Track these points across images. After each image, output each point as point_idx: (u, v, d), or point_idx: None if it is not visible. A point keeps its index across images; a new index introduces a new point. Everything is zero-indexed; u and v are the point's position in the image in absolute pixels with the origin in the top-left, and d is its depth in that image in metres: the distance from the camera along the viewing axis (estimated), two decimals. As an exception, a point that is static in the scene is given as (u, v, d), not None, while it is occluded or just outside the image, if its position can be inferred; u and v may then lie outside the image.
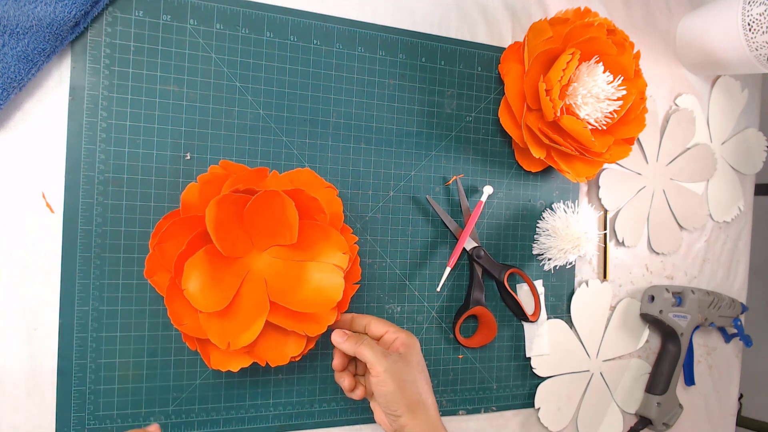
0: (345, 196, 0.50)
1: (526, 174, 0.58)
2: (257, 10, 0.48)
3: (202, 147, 0.46)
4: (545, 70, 0.52)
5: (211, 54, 0.46)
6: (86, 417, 0.43)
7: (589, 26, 0.50)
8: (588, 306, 0.61)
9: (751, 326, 0.80)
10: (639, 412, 0.64)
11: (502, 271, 0.55)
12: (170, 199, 0.45)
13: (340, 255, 0.44)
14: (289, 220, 0.42)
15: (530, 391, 0.59)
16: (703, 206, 0.69)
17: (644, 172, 0.65)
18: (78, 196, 0.43)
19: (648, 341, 0.66)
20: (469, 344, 0.55)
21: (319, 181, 0.46)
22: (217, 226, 0.40)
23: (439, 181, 0.55)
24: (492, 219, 0.57)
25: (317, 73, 0.50)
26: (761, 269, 1.01)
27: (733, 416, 0.74)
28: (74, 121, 0.43)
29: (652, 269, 0.67)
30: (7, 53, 0.39)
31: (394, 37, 0.52)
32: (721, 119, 0.70)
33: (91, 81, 0.43)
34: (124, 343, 0.44)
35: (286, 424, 0.49)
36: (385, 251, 0.52)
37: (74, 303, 0.43)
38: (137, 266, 0.44)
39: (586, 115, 0.51)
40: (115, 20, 0.44)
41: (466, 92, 0.55)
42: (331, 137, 0.50)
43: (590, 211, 0.57)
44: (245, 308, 0.42)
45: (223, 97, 0.47)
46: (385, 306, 0.52)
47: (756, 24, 0.58)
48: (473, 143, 0.56)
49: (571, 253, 0.56)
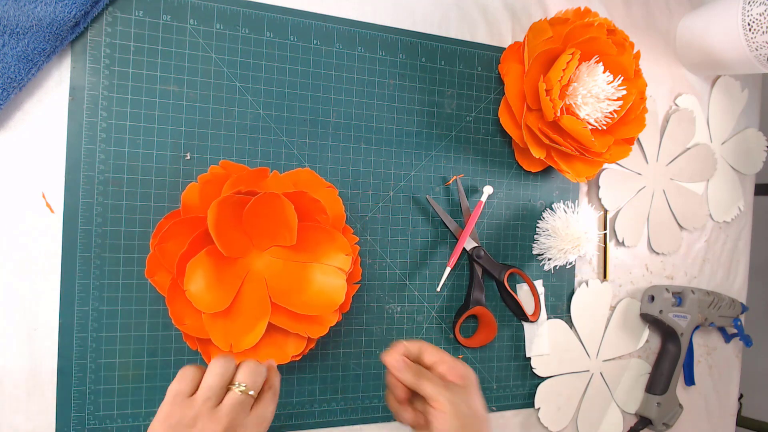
0: (345, 196, 0.50)
1: (526, 174, 0.58)
2: (257, 10, 0.48)
3: (202, 147, 0.46)
4: (545, 70, 0.52)
5: (211, 54, 0.46)
6: (86, 417, 0.43)
7: (589, 26, 0.50)
8: (588, 306, 0.61)
9: (751, 326, 0.80)
10: (639, 412, 0.64)
11: (502, 271, 0.55)
12: (170, 199, 0.45)
13: (342, 257, 0.44)
14: (289, 222, 0.42)
15: (530, 391, 0.59)
16: (703, 206, 0.69)
17: (644, 172, 0.65)
18: (78, 196, 0.43)
19: (648, 341, 0.66)
20: (469, 344, 0.55)
21: (320, 181, 0.46)
22: (218, 227, 0.40)
23: (439, 181, 0.55)
24: (492, 219, 0.57)
25: (317, 73, 0.50)
26: (761, 269, 1.01)
27: (733, 416, 0.74)
28: (74, 121, 0.43)
29: (652, 269, 0.67)
30: (7, 53, 0.39)
31: (394, 37, 0.52)
32: (721, 119, 0.70)
33: (91, 81, 0.43)
34: (124, 343, 0.44)
35: (285, 424, 0.49)
36: (385, 251, 0.52)
37: (74, 303, 0.43)
38: (137, 266, 0.44)
39: (586, 115, 0.51)
40: (115, 20, 0.44)
41: (466, 92, 0.55)
42: (331, 137, 0.50)
43: (590, 211, 0.57)
44: (247, 309, 0.43)
45: (223, 97, 0.47)
46: (385, 306, 0.52)
47: (756, 24, 0.58)
48: (473, 143, 0.56)
49: (571, 253, 0.56)
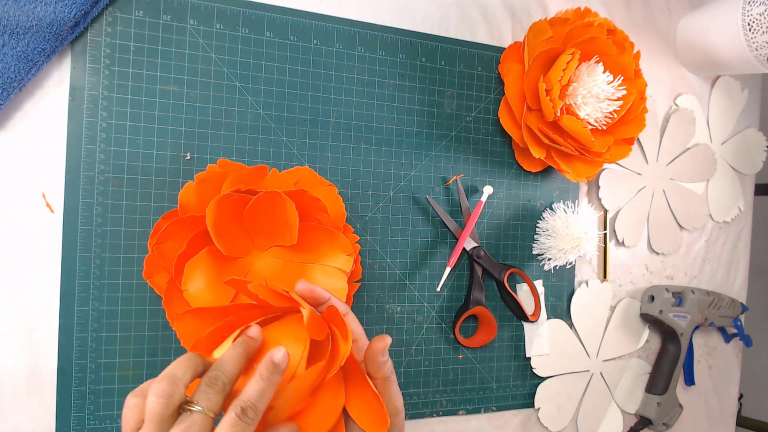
0: (345, 196, 0.50)
1: (526, 174, 0.58)
2: (257, 10, 0.48)
3: (202, 147, 0.46)
4: (545, 70, 0.52)
5: (211, 54, 0.46)
6: (86, 417, 0.43)
7: (589, 26, 0.50)
8: (588, 306, 0.61)
9: (751, 326, 0.80)
10: (639, 412, 0.64)
11: (502, 271, 0.55)
12: (170, 199, 0.45)
13: (343, 257, 0.44)
14: (289, 222, 0.42)
15: (530, 391, 0.59)
16: (703, 206, 0.69)
17: (644, 172, 0.65)
18: (78, 196, 0.43)
19: (648, 341, 0.66)
20: (469, 344, 0.55)
21: (319, 180, 0.46)
22: (217, 225, 0.40)
23: (439, 181, 0.55)
24: (492, 219, 0.57)
25: (317, 73, 0.50)
26: (761, 269, 1.01)
27: (733, 416, 0.74)
28: (74, 121, 0.43)
29: (652, 269, 0.67)
30: (7, 53, 0.39)
31: (394, 37, 0.52)
32: (721, 119, 0.70)
33: (91, 81, 0.43)
34: (124, 343, 0.44)
35: (286, 424, 0.49)
36: (385, 251, 0.52)
37: (74, 303, 0.43)
38: (137, 266, 0.44)
39: (586, 115, 0.51)
40: (115, 20, 0.44)
41: (466, 92, 0.55)
42: (331, 137, 0.50)
43: (590, 211, 0.57)
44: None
45: (223, 97, 0.47)
46: (385, 306, 0.52)
47: (756, 24, 0.58)
48: (473, 143, 0.56)
49: (571, 253, 0.56)
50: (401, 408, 0.34)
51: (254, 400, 0.28)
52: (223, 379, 0.28)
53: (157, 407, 0.26)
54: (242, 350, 0.30)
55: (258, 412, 0.28)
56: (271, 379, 0.29)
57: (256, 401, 0.28)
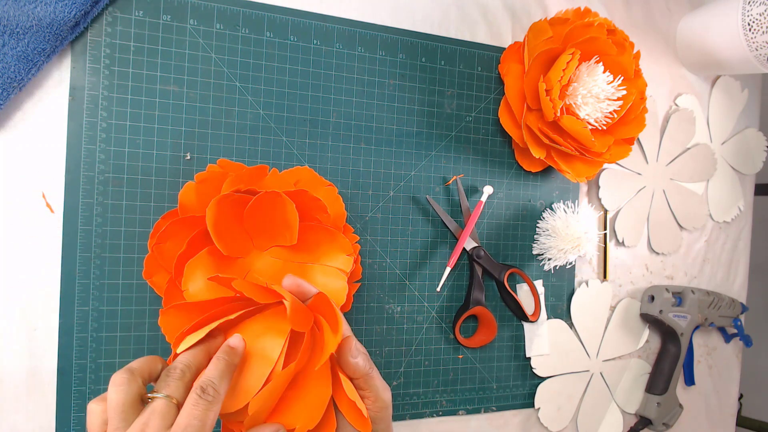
0: (345, 196, 0.50)
1: (526, 174, 0.58)
2: (257, 10, 0.48)
3: (202, 147, 0.46)
4: (545, 70, 0.52)
5: (211, 54, 0.46)
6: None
7: (589, 26, 0.50)
8: (588, 306, 0.61)
9: (751, 326, 0.80)
10: (639, 412, 0.64)
11: (502, 271, 0.55)
12: (170, 199, 0.45)
13: (344, 257, 0.44)
14: (289, 222, 0.42)
15: (530, 391, 0.59)
16: (703, 206, 0.69)
17: (644, 172, 0.65)
18: (78, 196, 0.43)
19: (648, 341, 0.66)
20: (469, 344, 0.55)
21: (319, 180, 0.46)
22: (216, 225, 0.40)
23: (439, 181, 0.55)
24: (492, 219, 0.57)
25: (317, 73, 0.50)
26: (761, 269, 1.01)
27: (733, 416, 0.74)
28: (74, 121, 0.43)
29: (652, 269, 0.67)
30: (7, 53, 0.39)
31: (394, 37, 0.52)
32: (721, 119, 0.70)
33: (91, 81, 0.43)
34: (124, 343, 0.44)
35: (286, 424, 0.49)
36: (385, 251, 0.52)
37: (74, 303, 0.43)
38: (137, 266, 0.44)
39: (586, 115, 0.51)
40: (115, 20, 0.44)
41: (466, 92, 0.55)
42: (331, 137, 0.50)
43: (590, 211, 0.57)
44: None
45: (223, 97, 0.47)
46: (385, 306, 0.52)
47: (756, 24, 0.58)
48: (473, 143, 0.56)
49: (571, 253, 0.56)
50: (389, 401, 0.34)
51: (213, 377, 0.29)
52: (181, 367, 0.30)
53: (116, 396, 0.27)
54: (203, 345, 0.32)
55: (219, 390, 0.29)
56: (228, 359, 0.31)
57: (216, 379, 0.29)
